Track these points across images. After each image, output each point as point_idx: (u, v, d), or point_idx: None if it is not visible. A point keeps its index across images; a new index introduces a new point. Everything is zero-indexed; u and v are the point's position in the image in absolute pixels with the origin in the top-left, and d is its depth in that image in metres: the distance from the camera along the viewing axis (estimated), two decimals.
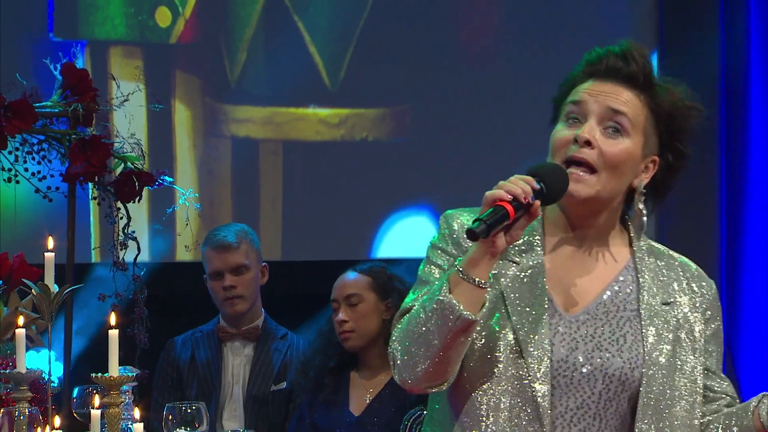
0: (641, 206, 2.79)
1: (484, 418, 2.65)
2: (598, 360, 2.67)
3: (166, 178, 4.77)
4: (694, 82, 7.85)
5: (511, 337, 2.65)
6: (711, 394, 2.80)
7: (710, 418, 2.78)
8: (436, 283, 2.64)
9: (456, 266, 2.59)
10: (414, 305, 2.67)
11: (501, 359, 2.65)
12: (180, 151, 6.96)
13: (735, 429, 2.73)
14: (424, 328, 2.58)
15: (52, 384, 4.03)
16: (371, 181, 6.86)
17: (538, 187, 2.60)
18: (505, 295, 2.68)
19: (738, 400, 2.85)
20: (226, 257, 5.36)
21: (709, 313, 2.82)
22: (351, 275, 5.03)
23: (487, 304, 2.61)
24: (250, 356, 5.39)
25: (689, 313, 2.78)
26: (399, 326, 2.69)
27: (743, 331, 7.28)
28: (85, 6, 6.82)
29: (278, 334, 5.42)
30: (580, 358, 2.66)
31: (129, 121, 4.76)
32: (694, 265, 2.88)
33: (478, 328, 2.62)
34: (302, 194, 7.11)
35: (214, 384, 5.31)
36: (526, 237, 2.74)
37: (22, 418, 3.55)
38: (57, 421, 3.50)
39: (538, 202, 2.60)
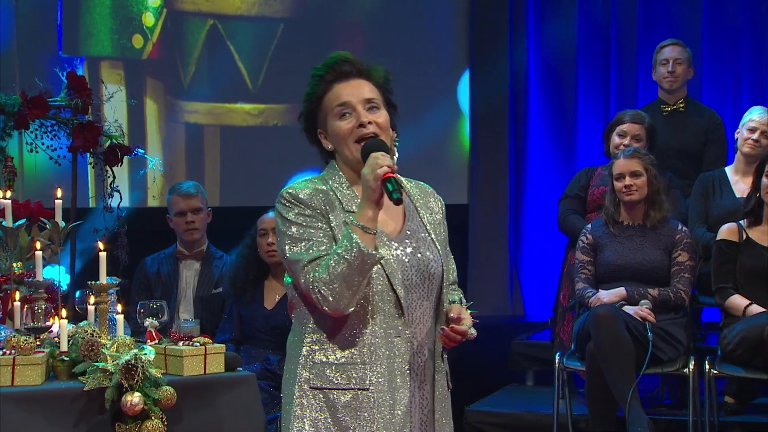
0: (395, 148, 2.74)
1: (365, 318, 2.58)
2: (423, 263, 2.64)
3: (140, 150, 4.74)
4: (492, 90, 7.98)
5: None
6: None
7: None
8: (338, 237, 2.54)
9: (356, 224, 2.50)
10: (320, 255, 2.53)
11: (373, 277, 2.57)
12: (149, 132, 6.89)
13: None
14: (348, 272, 2.47)
15: (60, 288, 4.00)
16: (279, 153, 6.85)
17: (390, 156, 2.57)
18: None
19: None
20: (189, 201, 5.29)
21: (444, 213, 2.80)
22: (272, 213, 4.99)
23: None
24: (197, 270, 5.35)
25: (439, 216, 2.77)
26: (316, 272, 2.51)
27: (524, 254, 7.43)
28: (84, 33, 6.72)
29: (217, 255, 5.39)
30: (415, 263, 2.63)
31: (113, 111, 4.73)
32: (430, 187, 2.83)
33: None
34: (234, 162, 7.10)
35: (173, 289, 5.27)
36: (348, 191, 2.64)
37: (39, 311, 3.53)
38: (64, 313, 3.48)
39: (396, 166, 2.57)
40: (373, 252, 2.50)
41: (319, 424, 2.59)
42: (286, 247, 2.59)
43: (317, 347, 2.61)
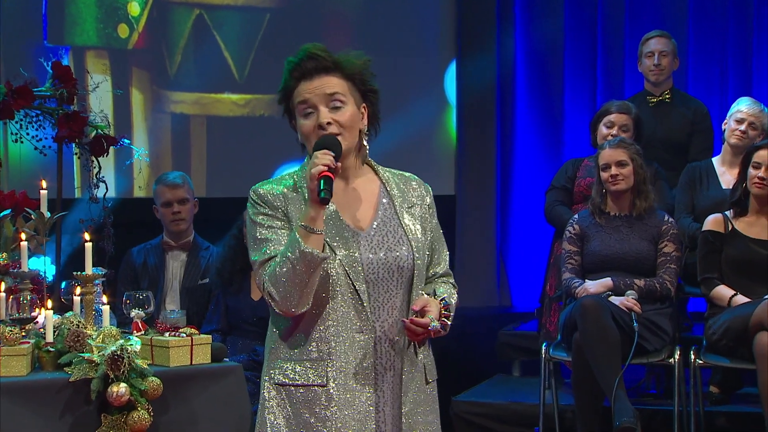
0: (365, 142, 2.70)
1: (325, 314, 2.59)
2: (391, 257, 2.63)
3: (125, 140, 4.74)
4: (479, 81, 7.98)
5: (335, 258, 2.59)
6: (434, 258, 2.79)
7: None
8: (288, 238, 2.55)
9: (301, 225, 2.51)
10: (273, 255, 2.55)
11: (332, 274, 2.59)
12: (135, 122, 6.85)
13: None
14: (292, 273, 2.49)
15: (46, 279, 3.99)
16: (266, 143, 6.84)
17: (333, 154, 2.54)
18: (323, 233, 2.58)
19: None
20: (175, 192, 5.28)
21: (433, 205, 2.78)
22: None
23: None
24: (184, 261, 5.34)
25: (424, 207, 2.75)
26: (266, 272, 2.54)
27: (511, 245, 7.45)
28: (69, 22, 6.67)
29: (203, 246, 5.38)
30: (382, 257, 2.62)
31: (99, 101, 4.71)
32: (415, 177, 2.81)
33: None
34: (220, 153, 7.08)
35: (159, 279, 5.26)
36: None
37: (25, 302, 3.52)
38: (49, 304, 3.47)
39: (340, 164, 2.55)
40: (314, 252, 2.50)
41: (281, 421, 2.61)
42: (249, 248, 2.64)
43: (281, 343, 2.64)
